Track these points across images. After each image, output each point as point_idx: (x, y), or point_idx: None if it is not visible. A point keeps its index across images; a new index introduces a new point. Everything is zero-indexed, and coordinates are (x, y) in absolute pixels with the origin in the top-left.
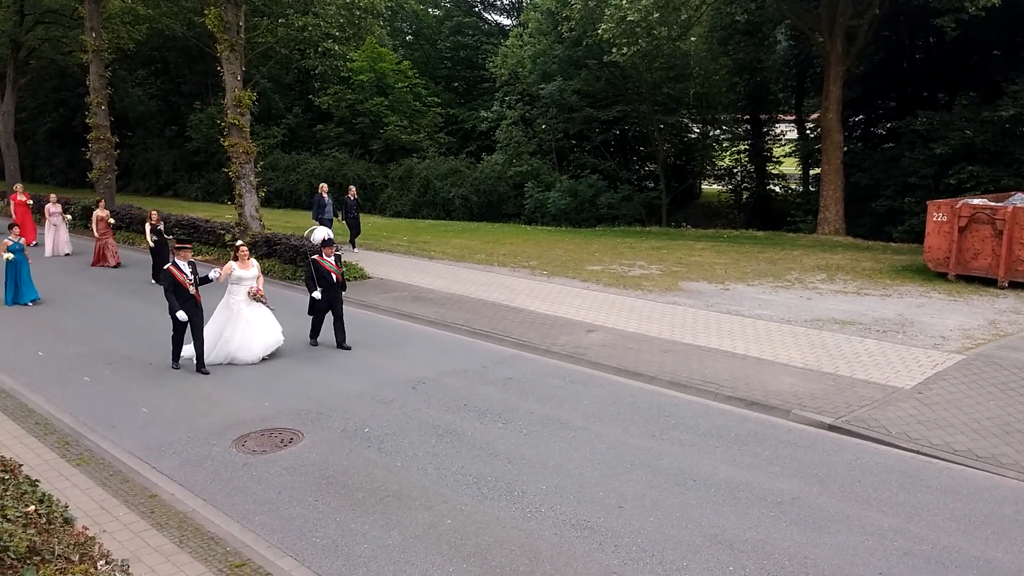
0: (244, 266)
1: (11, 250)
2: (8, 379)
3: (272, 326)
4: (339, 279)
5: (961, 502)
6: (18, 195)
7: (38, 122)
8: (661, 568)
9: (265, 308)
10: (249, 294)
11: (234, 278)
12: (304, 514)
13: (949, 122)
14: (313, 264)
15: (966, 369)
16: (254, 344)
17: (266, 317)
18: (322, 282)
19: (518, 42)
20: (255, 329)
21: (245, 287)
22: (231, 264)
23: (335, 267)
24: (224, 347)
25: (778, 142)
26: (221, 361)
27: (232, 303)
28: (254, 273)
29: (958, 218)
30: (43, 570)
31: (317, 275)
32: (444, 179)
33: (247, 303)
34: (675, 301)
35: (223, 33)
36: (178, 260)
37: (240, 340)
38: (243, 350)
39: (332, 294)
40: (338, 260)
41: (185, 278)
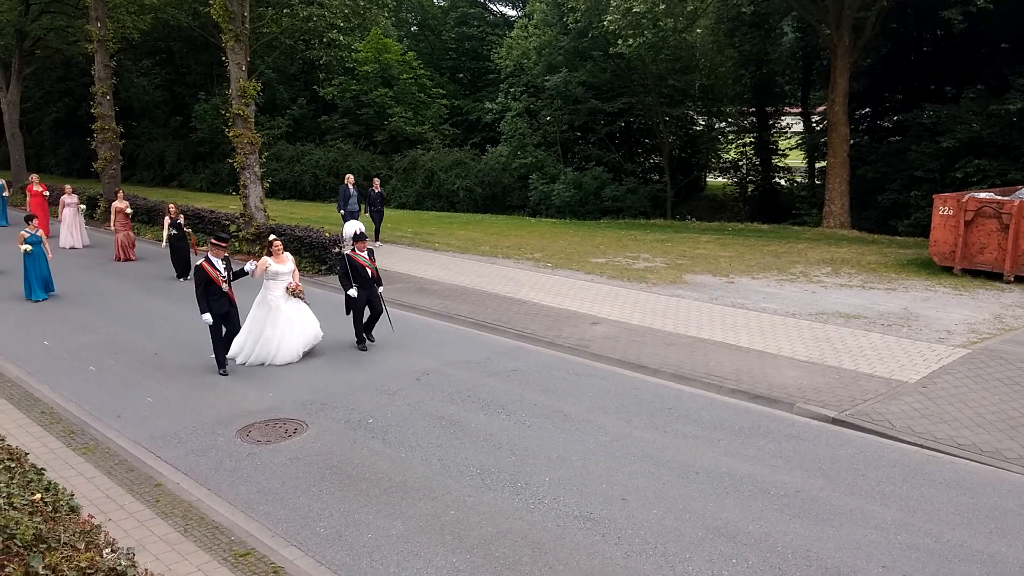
0: (279, 261)
1: (28, 242)
2: (14, 368)
3: (310, 321)
4: (374, 274)
5: (965, 496)
6: (34, 185)
7: (43, 112)
8: (664, 560)
9: (302, 303)
10: (287, 290)
11: (270, 273)
12: (308, 504)
13: (956, 115)
14: (347, 260)
15: (971, 363)
16: (294, 342)
17: (304, 312)
18: (357, 278)
19: (523, 33)
20: (295, 326)
21: (282, 283)
22: (265, 259)
23: (369, 262)
24: (264, 347)
25: (784, 135)
26: (261, 361)
27: (269, 299)
28: (290, 267)
29: (964, 212)
30: (49, 558)
31: (352, 271)
32: (449, 171)
33: (285, 299)
34: (679, 294)
35: (228, 23)
36: (212, 257)
37: (280, 338)
38: (284, 349)
39: (369, 290)
40: (371, 255)
41: (218, 275)
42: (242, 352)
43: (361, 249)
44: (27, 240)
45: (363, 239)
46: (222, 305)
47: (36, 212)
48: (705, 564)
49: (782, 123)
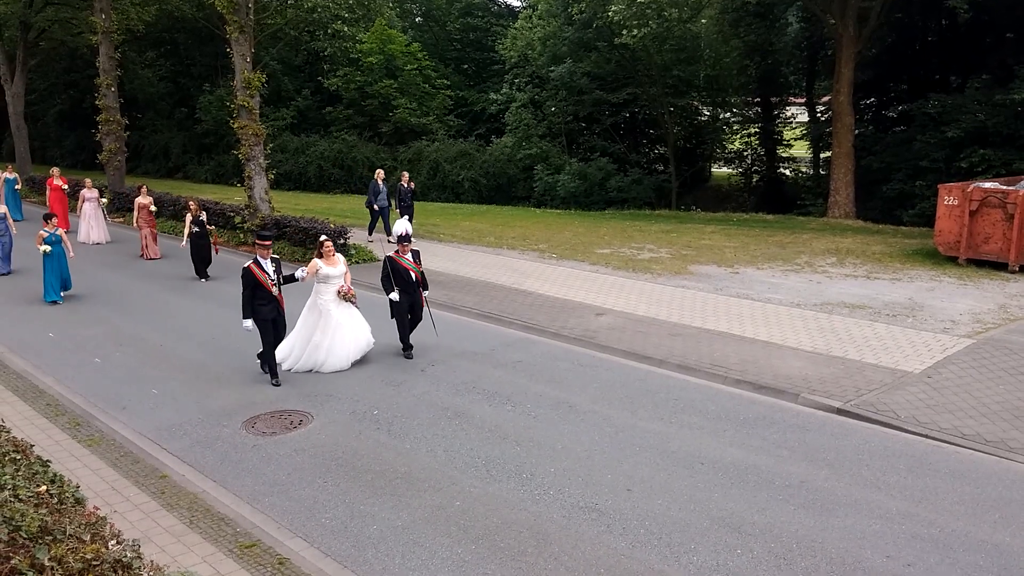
0: (330, 263)
1: (47, 242)
2: (19, 360)
3: (362, 328)
4: (418, 278)
5: (970, 486)
6: (54, 179)
7: (48, 104)
8: (669, 551)
9: (354, 308)
10: (339, 293)
11: (320, 276)
12: (313, 495)
13: (961, 105)
14: (388, 262)
15: (976, 353)
16: (346, 348)
17: (356, 318)
18: (399, 281)
19: (528, 24)
20: (346, 332)
21: (333, 286)
22: (316, 262)
23: (413, 264)
24: (314, 354)
25: (789, 125)
26: (310, 368)
27: (320, 304)
28: (341, 270)
29: (969, 202)
30: (55, 550)
31: (392, 274)
32: (453, 162)
33: (336, 303)
34: (684, 284)
35: (233, 14)
36: (260, 258)
37: (331, 345)
38: (333, 356)
39: (412, 296)
40: (416, 257)
41: (267, 278)
42: (290, 357)
43: (404, 251)
44: (46, 240)
45: (407, 241)
46: (270, 310)
47: (55, 206)
48: (710, 554)
49: (787, 113)
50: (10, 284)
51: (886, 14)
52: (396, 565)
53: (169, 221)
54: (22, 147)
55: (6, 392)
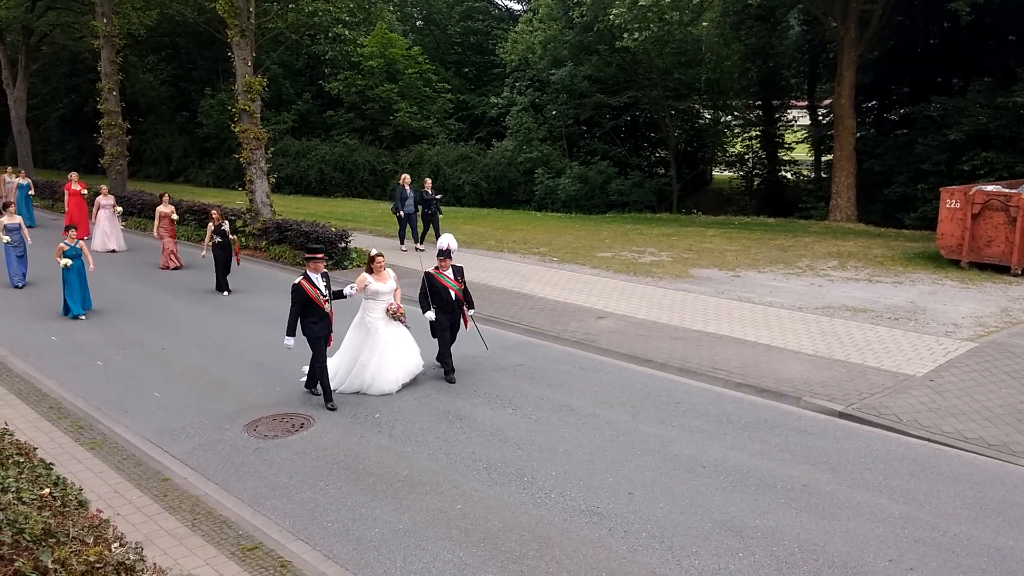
0: (380, 278)
1: (67, 255)
2: (22, 364)
3: (411, 349)
4: (459, 296)
5: (972, 490)
6: (72, 184)
7: (50, 108)
8: (671, 554)
9: (403, 328)
10: (388, 311)
11: (369, 292)
12: (315, 498)
13: (963, 108)
14: (426, 279)
15: (978, 357)
16: (393, 370)
17: (405, 338)
18: (436, 299)
19: (528, 27)
20: (394, 352)
21: (382, 303)
22: (365, 276)
23: (453, 282)
24: (360, 374)
25: (790, 128)
26: (356, 389)
27: (368, 321)
28: (391, 286)
29: (971, 205)
30: (58, 552)
31: (430, 292)
32: (454, 165)
33: (385, 321)
34: (686, 288)
35: (233, 18)
36: (310, 272)
37: (378, 366)
38: (380, 377)
39: (451, 315)
40: (458, 274)
41: (319, 294)
42: (335, 377)
43: (444, 267)
44: (66, 253)
45: (447, 256)
46: (322, 328)
47: (74, 212)
48: (712, 558)
49: (788, 116)
50: (20, 291)
51: (888, 17)
52: (397, 568)
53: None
54: (24, 151)
55: (9, 395)
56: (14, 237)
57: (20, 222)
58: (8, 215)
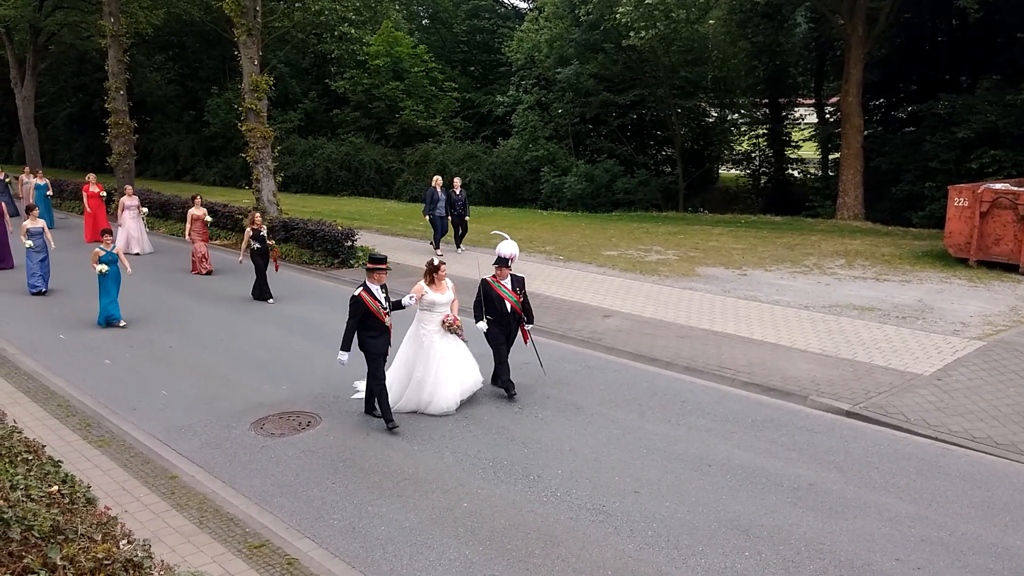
0: (438, 289)
1: (104, 261)
2: (31, 362)
3: (468, 364)
4: (516, 308)
5: (980, 489)
6: (91, 186)
7: (58, 107)
8: (677, 553)
9: (459, 341)
10: (444, 324)
11: (425, 303)
12: (322, 496)
13: (971, 106)
14: (482, 287)
15: (986, 356)
16: (450, 387)
17: (461, 352)
18: (491, 310)
19: (534, 26)
20: (450, 368)
21: (438, 315)
22: (422, 285)
23: (511, 292)
24: (416, 392)
25: (797, 126)
26: (412, 409)
27: (423, 335)
28: (449, 297)
29: (979, 203)
30: (67, 549)
31: (484, 301)
32: (460, 164)
33: (440, 335)
34: (692, 286)
35: (240, 18)
36: (370, 283)
37: (435, 383)
38: (438, 395)
39: (506, 328)
40: (518, 284)
41: (379, 306)
42: (389, 394)
43: (502, 276)
44: (102, 259)
45: (505, 264)
46: (382, 344)
47: (94, 214)
48: (718, 557)
49: (795, 114)
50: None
51: (895, 14)
52: (404, 566)
53: (178, 223)
54: (32, 150)
55: (18, 393)
56: (37, 242)
57: (43, 226)
58: (31, 218)
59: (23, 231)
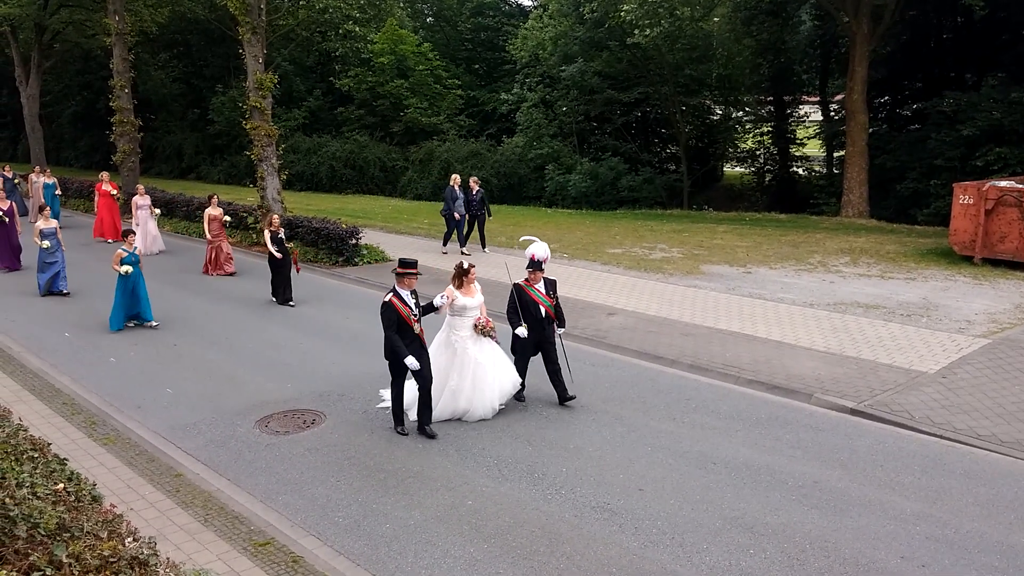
0: (468, 292)
1: (126, 262)
2: (36, 360)
3: (505, 366)
4: (550, 312)
5: (985, 487)
6: (103, 184)
7: (62, 105)
8: (681, 551)
9: (493, 344)
10: (476, 327)
11: (456, 308)
12: (327, 494)
13: (977, 103)
14: (515, 291)
15: (991, 353)
16: (487, 392)
17: (497, 355)
18: (525, 315)
19: (539, 23)
20: (486, 373)
21: (469, 319)
22: (451, 289)
23: (545, 296)
24: (452, 401)
25: (802, 124)
26: (447, 417)
27: (455, 340)
28: (479, 300)
29: (985, 201)
30: (72, 547)
31: (519, 306)
32: (464, 162)
33: (473, 339)
34: (696, 284)
35: (245, 16)
36: (400, 289)
37: (472, 390)
38: (476, 403)
39: (540, 332)
40: (550, 288)
41: (410, 312)
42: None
43: (535, 280)
44: (124, 260)
45: (539, 268)
46: (414, 351)
47: (105, 214)
48: (723, 555)
49: (800, 112)
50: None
51: (900, 11)
52: (408, 563)
53: (182, 221)
54: (37, 148)
55: (23, 391)
56: (52, 242)
57: (56, 226)
58: (43, 219)
59: (36, 232)
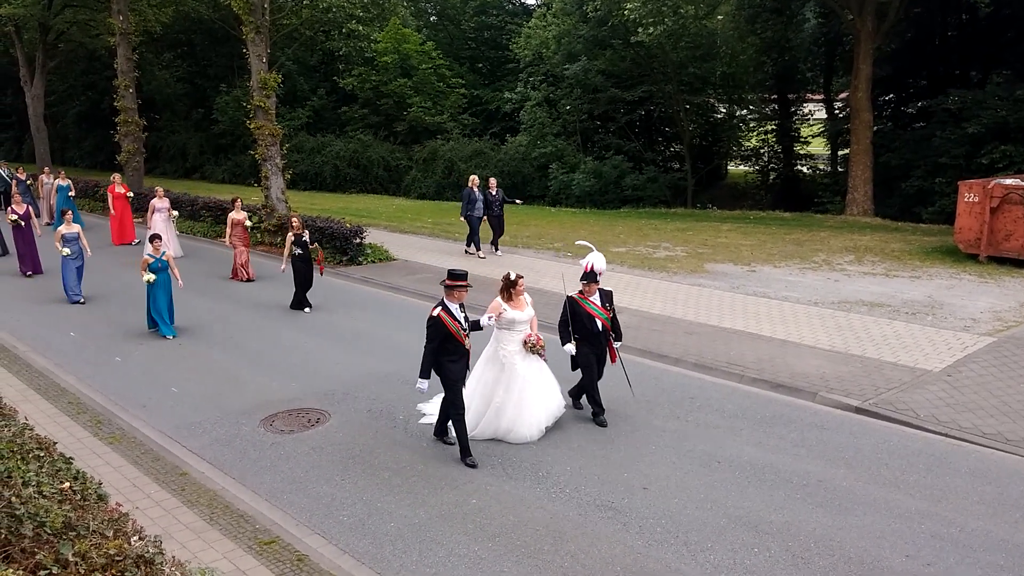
0: (516, 305)
1: (153, 268)
2: (42, 359)
3: (551, 387)
4: (606, 326)
5: (990, 485)
6: (116, 186)
7: (67, 105)
8: (686, 549)
9: (542, 362)
10: (526, 344)
11: (504, 322)
12: (331, 493)
13: (982, 100)
14: (569, 304)
15: (996, 352)
16: (534, 413)
17: (544, 375)
18: (579, 329)
19: (542, 22)
20: (534, 392)
21: (518, 334)
22: (499, 303)
23: (600, 309)
24: (495, 419)
25: (806, 122)
26: (489, 436)
27: (503, 356)
28: (529, 314)
29: (990, 198)
30: (79, 545)
31: (572, 320)
32: (468, 161)
33: (522, 356)
34: (700, 283)
35: (248, 15)
36: (449, 302)
37: (517, 409)
38: (520, 422)
39: (596, 348)
40: (606, 299)
41: (459, 328)
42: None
43: (590, 292)
44: (151, 267)
45: (594, 279)
46: (461, 369)
47: (119, 217)
48: (727, 553)
49: (804, 110)
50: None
51: (905, 9)
52: (413, 562)
53: (187, 221)
54: (42, 148)
55: (29, 391)
56: (73, 248)
57: (79, 231)
58: (66, 223)
59: (57, 236)
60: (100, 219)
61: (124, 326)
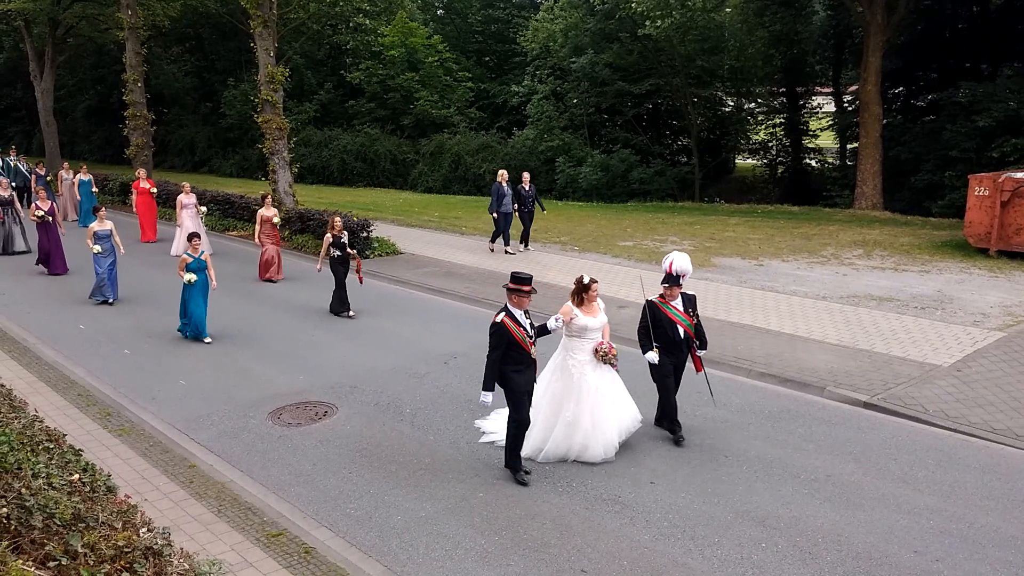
0: (589, 311)
1: (191, 268)
2: (51, 352)
3: (624, 399)
4: (689, 333)
5: (999, 481)
6: (141, 182)
7: (76, 99)
8: (692, 544)
9: (614, 372)
10: (597, 353)
11: (575, 328)
12: (339, 486)
13: (992, 93)
14: (648, 309)
15: (1007, 347)
16: (607, 428)
17: (617, 386)
18: (660, 336)
19: (549, 15)
20: (607, 405)
21: (589, 342)
22: (569, 307)
23: (683, 315)
24: (567, 436)
25: (815, 115)
26: (562, 455)
27: (571, 365)
28: (602, 320)
29: (1000, 192)
30: (88, 536)
31: (653, 326)
32: (475, 154)
33: (593, 366)
34: (708, 277)
35: (256, 9)
36: (512, 307)
37: (591, 424)
38: (594, 439)
39: (676, 356)
40: (689, 304)
41: (525, 335)
42: (529, 436)
43: (672, 296)
44: (189, 267)
45: (676, 282)
46: (527, 379)
47: (144, 213)
48: (734, 548)
49: (813, 103)
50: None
51: (915, 1)
52: (420, 555)
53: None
54: (52, 142)
55: (39, 383)
56: (104, 245)
57: (111, 228)
58: (99, 220)
59: (89, 233)
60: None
61: (131, 318)
